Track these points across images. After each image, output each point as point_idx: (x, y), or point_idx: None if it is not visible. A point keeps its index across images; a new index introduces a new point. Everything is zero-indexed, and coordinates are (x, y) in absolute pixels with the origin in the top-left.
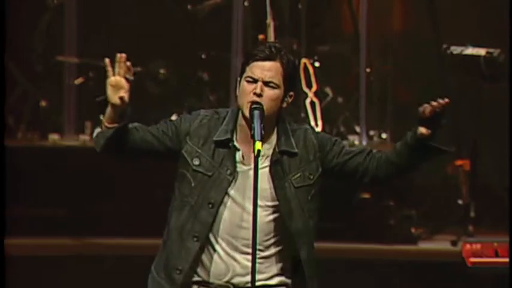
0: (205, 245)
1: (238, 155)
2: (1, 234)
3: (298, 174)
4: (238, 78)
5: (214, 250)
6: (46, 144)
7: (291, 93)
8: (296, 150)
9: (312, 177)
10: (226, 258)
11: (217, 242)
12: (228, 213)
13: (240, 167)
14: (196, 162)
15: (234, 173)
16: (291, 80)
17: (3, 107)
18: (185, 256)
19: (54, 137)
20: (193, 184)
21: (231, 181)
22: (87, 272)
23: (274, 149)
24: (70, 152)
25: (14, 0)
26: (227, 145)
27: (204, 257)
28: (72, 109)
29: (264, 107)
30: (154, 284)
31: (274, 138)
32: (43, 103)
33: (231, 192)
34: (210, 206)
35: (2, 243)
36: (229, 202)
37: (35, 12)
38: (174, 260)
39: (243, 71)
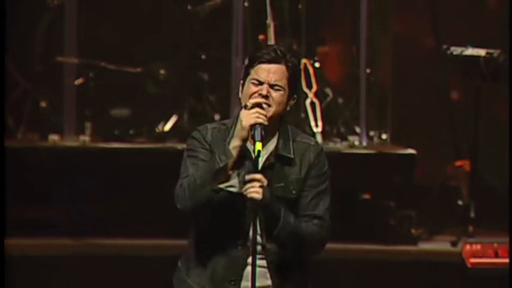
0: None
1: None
2: (1, 234)
3: (282, 184)
4: (241, 81)
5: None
6: (46, 145)
7: (294, 96)
8: (292, 156)
9: (294, 192)
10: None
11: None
12: None
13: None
14: None
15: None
16: (294, 83)
17: (3, 107)
18: (235, 266)
19: (54, 137)
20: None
21: None
22: (87, 272)
23: (270, 153)
24: (70, 152)
25: (14, 0)
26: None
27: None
28: (72, 109)
29: (272, 109)
30: None
31: (273, 142)
32: (43, 103)
33: None
34: (247, 212)
35: (2, 243)
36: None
37: (35, 12)
38: (223, 271)
39: (247, 73)
